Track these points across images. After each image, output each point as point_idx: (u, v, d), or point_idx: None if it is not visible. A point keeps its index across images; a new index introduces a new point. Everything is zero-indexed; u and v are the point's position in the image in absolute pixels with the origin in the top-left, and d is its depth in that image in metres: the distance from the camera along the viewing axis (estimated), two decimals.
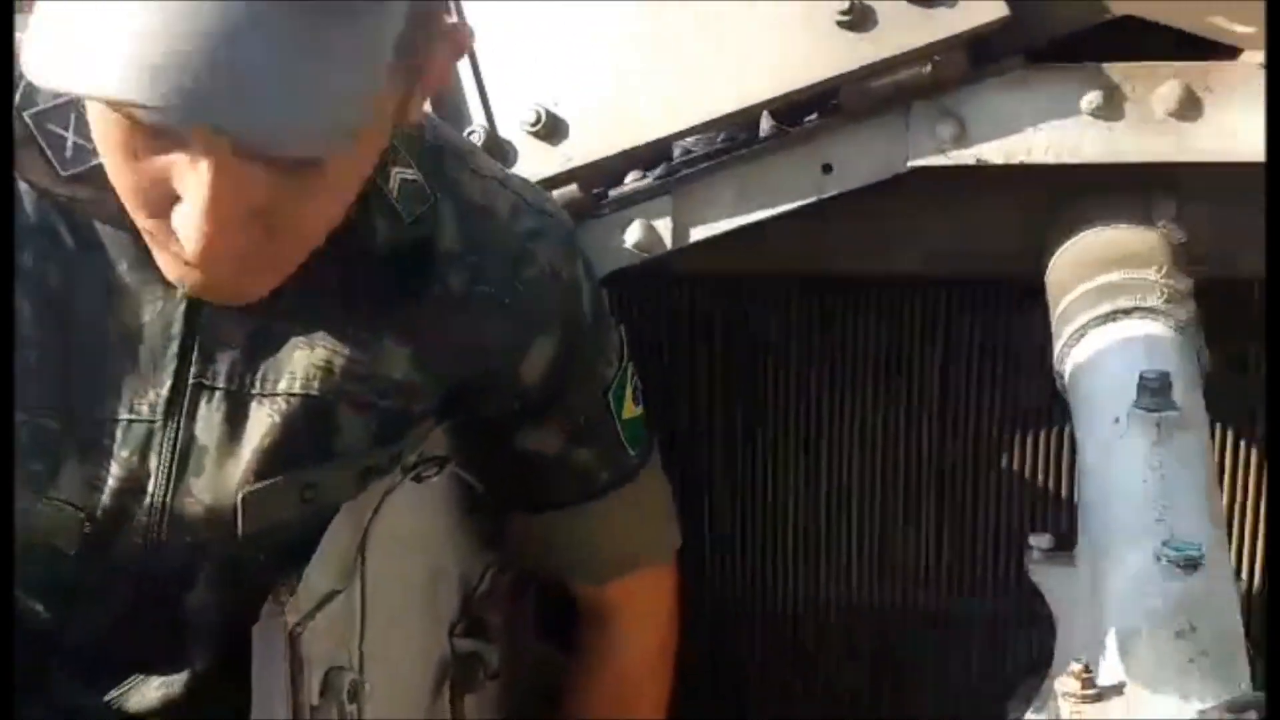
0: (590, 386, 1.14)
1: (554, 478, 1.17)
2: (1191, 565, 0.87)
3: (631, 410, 1.19)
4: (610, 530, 1.21)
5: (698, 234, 1.24)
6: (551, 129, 1.21)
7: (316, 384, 0.99)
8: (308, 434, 0.99)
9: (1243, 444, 1.29)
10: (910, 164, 1.17)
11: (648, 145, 1.22)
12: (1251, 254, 1.23)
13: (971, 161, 1.16)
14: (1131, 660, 0.87)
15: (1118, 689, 0.87)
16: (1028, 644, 1.35)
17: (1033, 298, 1.22)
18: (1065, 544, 1.11)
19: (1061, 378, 1.12)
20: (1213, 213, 1.21)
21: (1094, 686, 0.86)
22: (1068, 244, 1.20)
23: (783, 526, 1.40)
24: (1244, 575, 1.28)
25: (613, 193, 1.27)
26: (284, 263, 0.88)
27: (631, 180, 1.31)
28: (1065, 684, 0.87)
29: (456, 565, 1.25)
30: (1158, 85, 1.13)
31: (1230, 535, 1.27)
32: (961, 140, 1.16)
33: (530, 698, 1.39)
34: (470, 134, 1.20)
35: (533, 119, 1.21)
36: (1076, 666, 0.87)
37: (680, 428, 1.38)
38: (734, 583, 1.42)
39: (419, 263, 1.00)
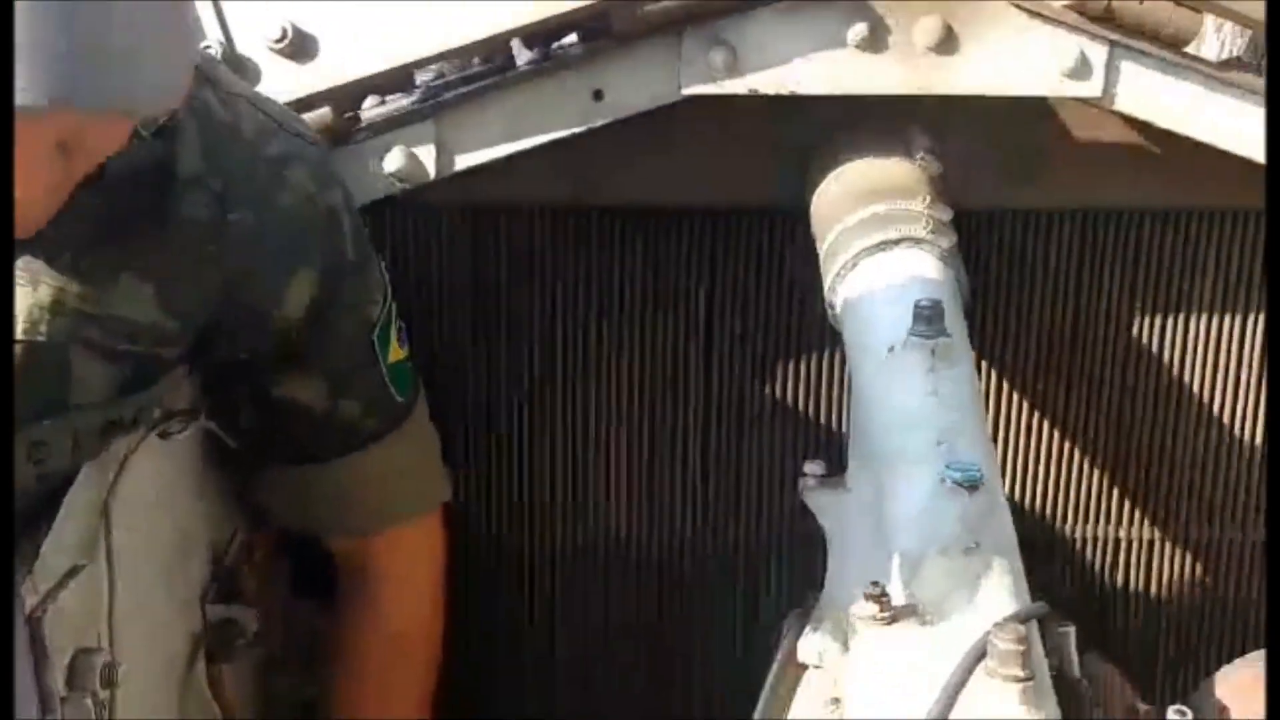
0: (354, 328, 1.06)
1: (316, 429, 1.08)
2: (974, 485, 0.90)
3: (398, 353, 1.12)
4: (374, 482, 1.14)
5: (463, 162, 1.17)
6: (299, 47, 1.11)
7: (43, 327, 0.86)
8: (35, 385, 0.87)
9: (982, 364, 1.35)
10: (684, 92, 1.15)
11: (404, 67, 1.14)
12: (993, 186, 1.29)
13: (743, 91, 1.15)
14: (923, 580, 0.89)
15: (911, 609, 0.89)
16: (796, 571, 1.38)
17: (800, 228, 1.23)
18: (836, 471, 1.14)
19: (833, 308, 1.14)
20: (962, 146, 1.26)
21: (890, 609, 0.88)
22: (831, 175, 1.21)
23: (550, 463, 1.37)
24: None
25: (366, 115, 1.18)
26: (67, 190, 0.80)
27: (371, 107, 1.22)
28: (862, 608, 0.88)
29: (205, 527, 1.15)
30: (918, 20, 1.15)
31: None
32: (733, 69, 1.14)
33: (290, 662, 1.30)
34: (205, 49, 1.09)
35: (278, 35, 1.10)
36: (873, 590, 0.88)
37: (443, 365, 1.32)
38: (500, 524, 1.38)
39: (158, 187, 0.90)
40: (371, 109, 1.20)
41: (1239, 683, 1.01)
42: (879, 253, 1.11)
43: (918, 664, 0.86)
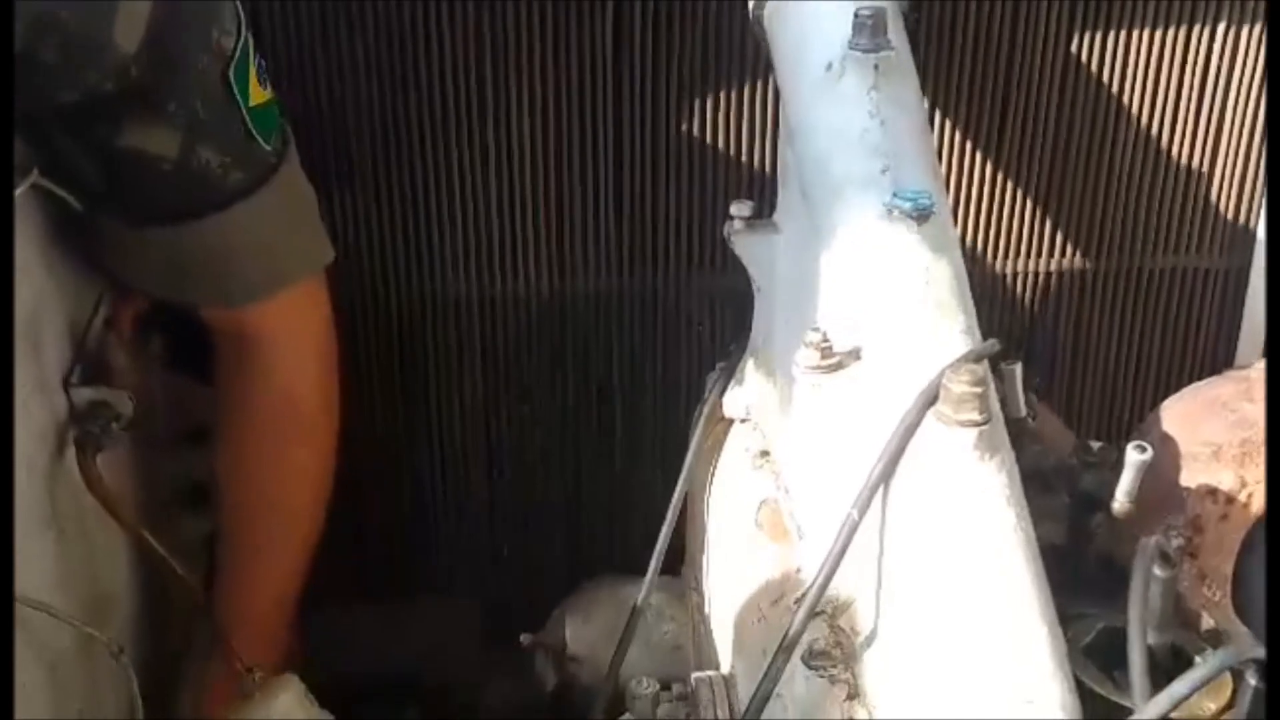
0: (204, 62, 0.91)
1: (171, 184, 0.94)
2: (924, 215, 0.81)
3: (260, 94, 0.97)
4: (247, 244, 1.01)
5: None
6: None
7: None
8: None
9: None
10: None
11: None
12: None
13: None
14: (867, 320, 0.81)
15: (854, 354, 0.81)
16: (717, 323, 1.30)
17: None
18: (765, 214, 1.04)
19: (760, 24, 1.01)
20: None
21: (833, 355, 0.80)
22: None
23: (447, 210, 1.25)
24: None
25: None
26: None
27: None
28: (804, 356, 0.80)
29: (60, 302, 1.02)
30: None
31: None
32: None
33: (174, 444, 1.20)
34: None
35: None
36: (815, 337, 0.80)
37: (319, 107, 1.17)
38: (394, 279, 1.27)
39: None
40: None
41: (1182, 413, 0.96)
42: None
43: (862, 412, 0.79)
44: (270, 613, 1.13)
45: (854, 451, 0.77)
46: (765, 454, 1.01)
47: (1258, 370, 1.00)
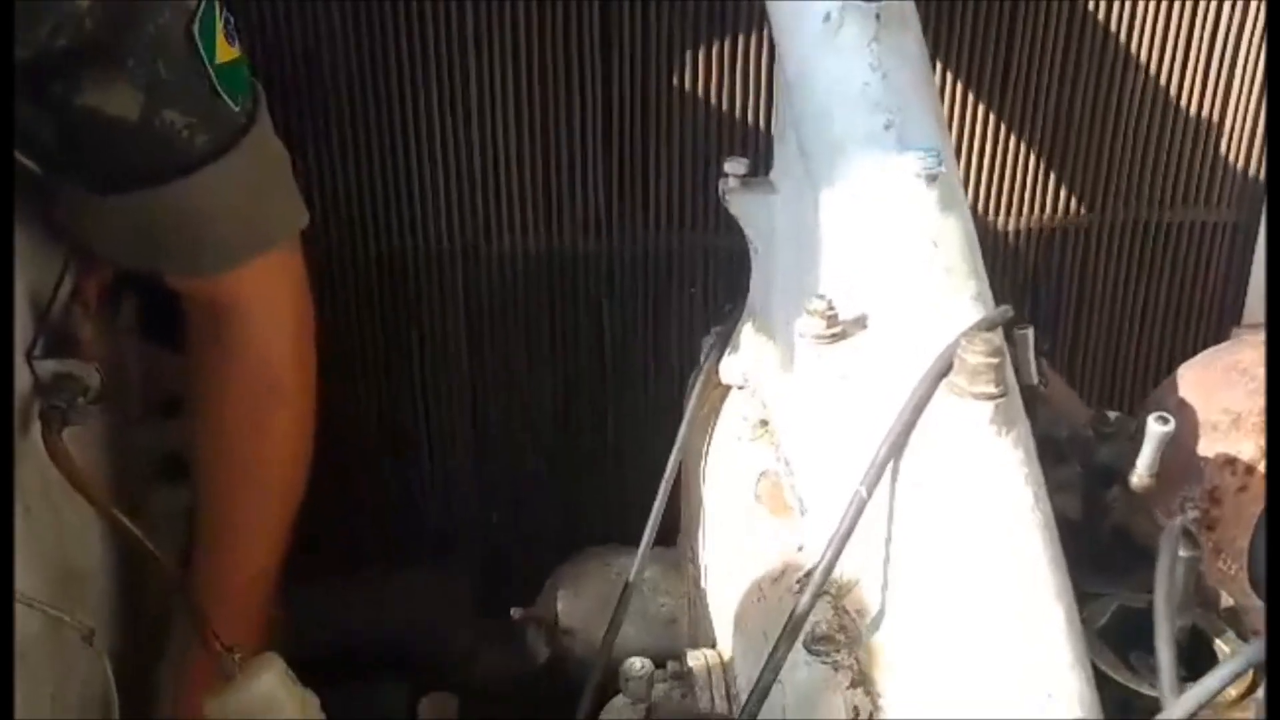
0: (166, 16, 0.86)
1: (134, 147, 0.89)
2: (932, 174, 0.77)
3: (227, 51, 0.92)
4: (215, 209, 0.95)
5: None
6: None
7: None
8: None
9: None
10: None
11: None
12: None
13: None
14: (878, 286, 0.76)
15: (860, 322, 0.77)
16: (712, 285, 1.26)
17: None
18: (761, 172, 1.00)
19: None
20: None
21: (838, 324, 0.76)
22: None
23: (431, 172, 1.20)
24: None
25: None
26: None
27: None
28: (807, 325, 0.76)
29: (21, 271, 0.96)
30: None
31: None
32: None
33: (148, 414, 1.16)
34: None
35: None
36: (818, 305, 0.75)
37: (296, 66, 1.12)
38: (389, 235, 1.23)
39: None
40: None
41: (1200, 379, 0.92)
42: None
43: (869, 383, 0.75)
44: (251, 588, 1.09)
45: (860, 425, 0.73)
46: (764, 423, 0.97)
47: None
